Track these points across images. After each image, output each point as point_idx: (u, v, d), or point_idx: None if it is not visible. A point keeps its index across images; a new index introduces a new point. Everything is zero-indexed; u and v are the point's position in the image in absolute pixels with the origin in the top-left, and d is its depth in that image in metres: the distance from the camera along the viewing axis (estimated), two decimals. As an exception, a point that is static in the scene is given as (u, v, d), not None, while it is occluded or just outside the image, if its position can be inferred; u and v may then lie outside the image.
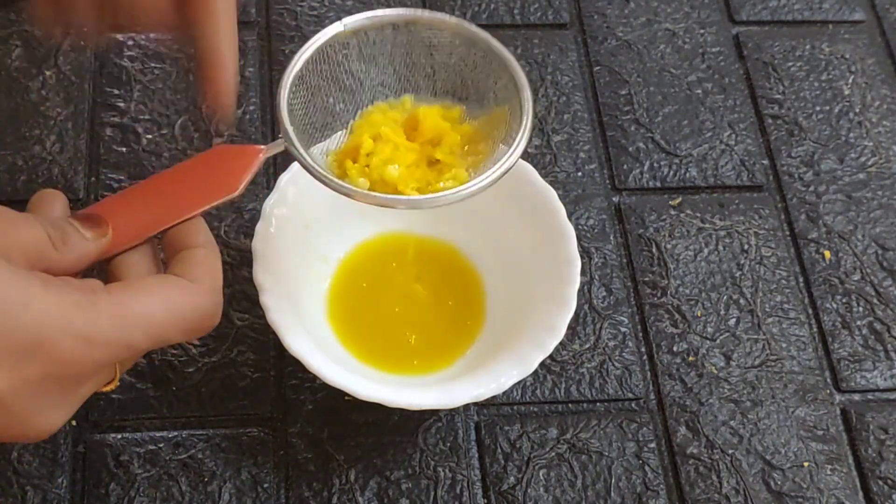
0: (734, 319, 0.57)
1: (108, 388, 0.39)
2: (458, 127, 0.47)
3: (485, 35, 0.46)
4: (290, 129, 0.43)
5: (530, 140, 0.45)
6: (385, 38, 0.47)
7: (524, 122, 0.44)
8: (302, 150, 0.43)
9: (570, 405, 0.54)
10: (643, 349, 0.56)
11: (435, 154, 0.46)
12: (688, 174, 0.62)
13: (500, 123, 0.46)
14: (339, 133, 0.47)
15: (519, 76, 0.45)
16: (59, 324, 0.35)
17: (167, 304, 0.38)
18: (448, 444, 0.52)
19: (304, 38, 0.63)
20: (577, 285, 0.49)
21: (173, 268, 0.41)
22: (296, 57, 0.45)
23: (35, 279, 0.35)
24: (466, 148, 0.47)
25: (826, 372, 0.57)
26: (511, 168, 0.44)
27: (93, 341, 0.36)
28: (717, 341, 0.57)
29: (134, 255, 0.41)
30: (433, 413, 0.53)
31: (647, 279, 0.58)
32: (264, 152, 0.43)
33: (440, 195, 0.43)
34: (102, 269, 0.42)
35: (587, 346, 0.56)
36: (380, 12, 0.46)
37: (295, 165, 0.51)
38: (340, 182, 0.42)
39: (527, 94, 0.45)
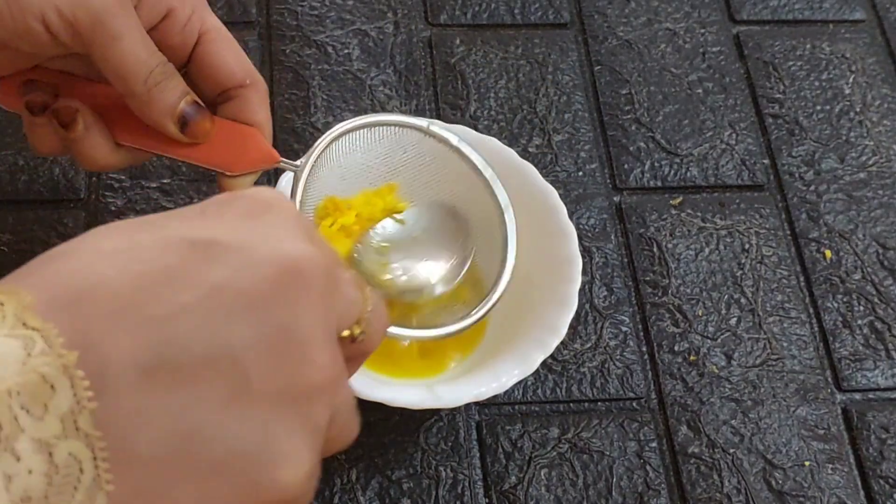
0: (735, 319, 0.57)
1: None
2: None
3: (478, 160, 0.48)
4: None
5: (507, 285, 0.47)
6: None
7: (506, 265, 0.47)
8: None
9: (571, 404, 0.54)
10: (644, 348, 0.56)
11: None
12: (688, 173, 0.62)
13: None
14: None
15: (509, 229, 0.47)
16: None
17: None
18: (449, 444, 0.52)
19: (305, 38, 0.64)
20: (578, 284, 0.49)
21: None
22: (311, 150, 0.46)
23: None
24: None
25: (827, 371, 0.57)
26: (483, 317, 0.46)
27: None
28: (718, 340, 0.57)
29: None
30: (434, 412, 0.52)
31: (648, 278, 0.58)
32: (279, 163, 0.45)
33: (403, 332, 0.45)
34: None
35: (588, 345, 0.56)
36: (404, 118, 0.48)
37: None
38: None
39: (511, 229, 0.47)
